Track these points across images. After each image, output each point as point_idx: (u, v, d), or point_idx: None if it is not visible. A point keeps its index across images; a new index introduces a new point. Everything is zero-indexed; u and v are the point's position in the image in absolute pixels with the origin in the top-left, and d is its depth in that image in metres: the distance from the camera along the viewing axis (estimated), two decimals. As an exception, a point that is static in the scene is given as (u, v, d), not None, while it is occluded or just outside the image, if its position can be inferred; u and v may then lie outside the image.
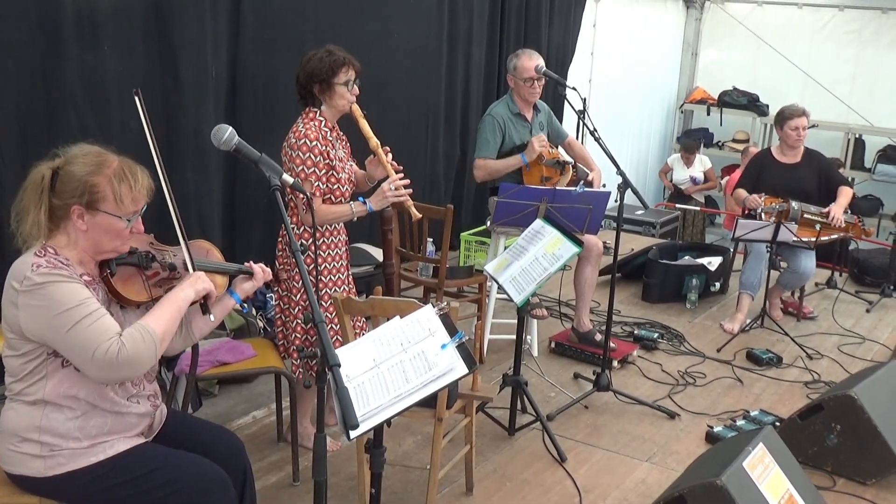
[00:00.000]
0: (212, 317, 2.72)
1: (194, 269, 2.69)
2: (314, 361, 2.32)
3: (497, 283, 4.10)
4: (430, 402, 3.38)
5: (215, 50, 5.03)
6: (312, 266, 3.62)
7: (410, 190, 3.86)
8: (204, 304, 2.67)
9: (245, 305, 3.00)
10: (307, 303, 3.65)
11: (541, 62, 5.08)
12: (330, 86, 3.73)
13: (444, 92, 7.11)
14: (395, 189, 3.81)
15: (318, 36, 5.35)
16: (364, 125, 3.84)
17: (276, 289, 3.99)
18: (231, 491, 2.65)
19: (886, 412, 4.04)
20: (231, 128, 2.58)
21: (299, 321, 3.85)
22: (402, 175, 3.85)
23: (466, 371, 2.48)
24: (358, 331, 3.78)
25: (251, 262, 2.96)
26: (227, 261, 2.97)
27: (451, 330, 2.65)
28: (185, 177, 4.96)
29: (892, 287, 6.97)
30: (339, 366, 2.14)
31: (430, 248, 5.63)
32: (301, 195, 3.64)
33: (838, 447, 4.05)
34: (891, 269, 7.02)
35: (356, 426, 2.10)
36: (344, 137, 3.98)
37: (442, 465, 3.56)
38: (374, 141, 3.85)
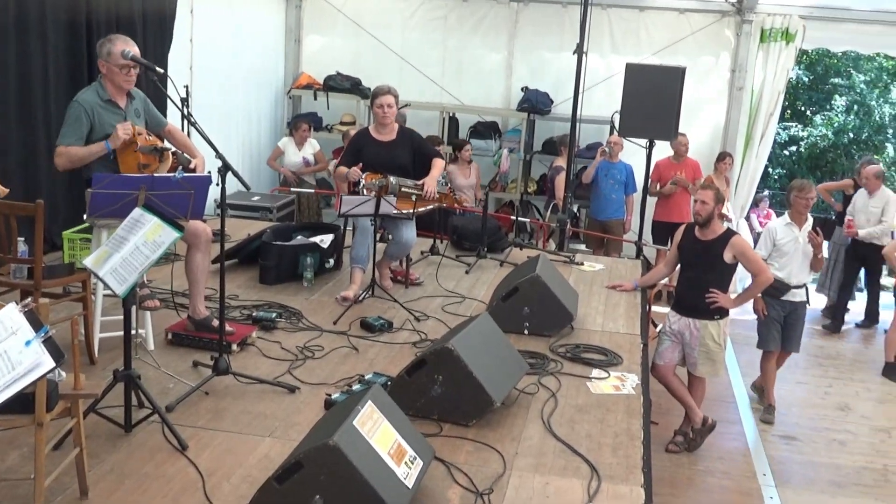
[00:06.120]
0: None
1: None
2: None
3: (97, 276, 3.93)
4: (29, 409, 3.18)
5: None
6: None
7: None
8: None
9: None
10: None
11: (132, 48, 4.90)
12: None
13: (14, 78, 6.62)
14: None
15: None
16: None
17: None
18: None
19: (479, 358, 4.48)
20: None
21: None
22: None
23: (54, 364, 2.39)
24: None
25: None
26: None
27: (37, 325, 2.53)
28: None
29: (486, 249, 7.70)
30: None
31: (23, 248, 5.21)
32: None
33: (442, 396, 4.42)
34: (483, 234, 7.75)
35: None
36: None
37: (51, 472, 3.37)
38: None
